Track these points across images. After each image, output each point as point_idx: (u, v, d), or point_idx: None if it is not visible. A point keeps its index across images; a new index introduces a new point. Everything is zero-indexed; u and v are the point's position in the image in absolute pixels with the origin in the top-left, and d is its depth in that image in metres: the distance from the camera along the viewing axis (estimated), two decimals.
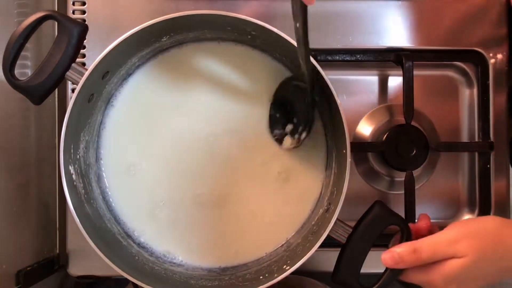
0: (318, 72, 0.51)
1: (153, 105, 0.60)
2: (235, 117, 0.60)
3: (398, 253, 0.49)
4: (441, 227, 0.51)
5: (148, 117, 0.61)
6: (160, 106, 0.60)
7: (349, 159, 0.51)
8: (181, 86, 0.60)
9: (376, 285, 0.52)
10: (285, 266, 0.52)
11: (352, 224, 0.52)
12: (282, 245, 0.60)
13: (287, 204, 0.60)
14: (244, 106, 0.60)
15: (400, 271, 0.51)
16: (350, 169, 0.51)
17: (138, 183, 0.60)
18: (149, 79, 0.60)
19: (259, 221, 0.60)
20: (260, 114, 0.60)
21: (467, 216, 0.66)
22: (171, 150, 0.60)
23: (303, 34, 0.46)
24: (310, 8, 0.66)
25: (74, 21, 0.52)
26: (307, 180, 0.60)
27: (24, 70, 0.62)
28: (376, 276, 0.52)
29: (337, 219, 0.51)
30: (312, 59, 0.50)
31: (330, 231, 0.51)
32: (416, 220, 0.59)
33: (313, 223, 0.58)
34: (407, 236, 0.52)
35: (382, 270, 0.52)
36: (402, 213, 0.58)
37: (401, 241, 0.52)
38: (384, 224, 0.52)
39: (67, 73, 0.52)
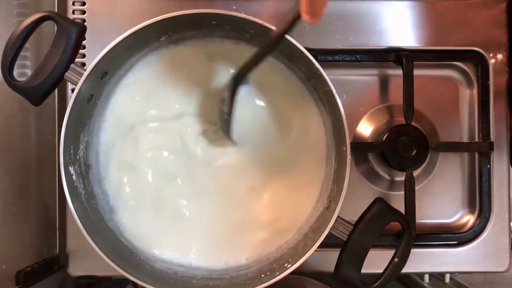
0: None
1: (153, 105, 0.60)
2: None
3: None
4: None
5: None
6: (161, 105, 0.60)
7: (349, 156, 0.51)
8: (181, 84, 0.60)
9: (377, 283, 0.52)
10: (286, 264, 0.52)
11: (353, 223, 0.52)
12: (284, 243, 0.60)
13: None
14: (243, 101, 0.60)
15: None
16: (350, 169, 0.51)
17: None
18: (149, 78, 0.60)
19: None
20: (259, 111, 0.60)
21: (467, 217, 0.66)
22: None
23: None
24: None
25: (72, 21, 0.52)
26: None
27: (25, 70, 0.62)
28: (376, 276, 0.52)
29: (337, 216, 0.51)
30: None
31: (331, 229, 0.51)
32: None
33: (313, 221, 0.58)
34: (409, 232, 0.52)
35: (382, 270, 0.52)
36: None
37: (402, 238, 0.52)
38: (385, 220, 0.52)
39: (66, 74, 0.52)
